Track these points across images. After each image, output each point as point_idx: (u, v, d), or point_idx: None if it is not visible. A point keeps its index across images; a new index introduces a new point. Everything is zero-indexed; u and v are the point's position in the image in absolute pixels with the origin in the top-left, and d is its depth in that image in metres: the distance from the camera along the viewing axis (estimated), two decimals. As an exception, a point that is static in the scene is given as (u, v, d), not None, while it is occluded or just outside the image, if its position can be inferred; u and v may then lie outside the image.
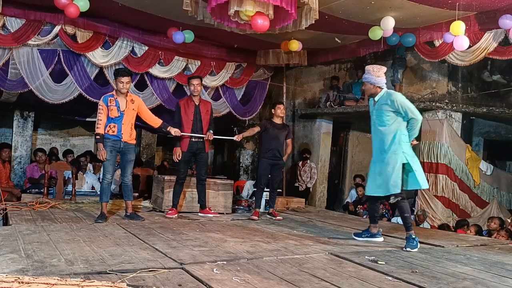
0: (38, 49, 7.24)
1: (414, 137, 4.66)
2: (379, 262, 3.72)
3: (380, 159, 4.59)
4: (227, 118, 9.32)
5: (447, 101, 7.56)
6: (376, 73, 4.66)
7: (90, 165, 8.14)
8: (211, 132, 6.04)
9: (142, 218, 5.47)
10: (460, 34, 6.11)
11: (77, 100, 7.71)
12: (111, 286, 2.59)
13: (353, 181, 9.22)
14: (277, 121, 6.44)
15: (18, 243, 3.70)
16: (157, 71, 8.16)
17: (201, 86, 6.20)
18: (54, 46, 7.35)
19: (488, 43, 6.31)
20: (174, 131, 5.76)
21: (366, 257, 3.89)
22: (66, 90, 7.60)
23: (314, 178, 9.45)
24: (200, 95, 6.22)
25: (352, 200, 8.79)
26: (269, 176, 6.41)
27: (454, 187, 7.46)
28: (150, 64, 8.04)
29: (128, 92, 5.36)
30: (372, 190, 4.68)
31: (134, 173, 6.30)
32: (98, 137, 5.19)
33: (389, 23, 6.52)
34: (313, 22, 5.77)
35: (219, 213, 6.36)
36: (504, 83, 8.10)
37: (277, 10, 5.38)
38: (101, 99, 5.29)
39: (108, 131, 5.22)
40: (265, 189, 6.56)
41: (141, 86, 8.22)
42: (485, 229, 6.66)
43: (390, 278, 3.25)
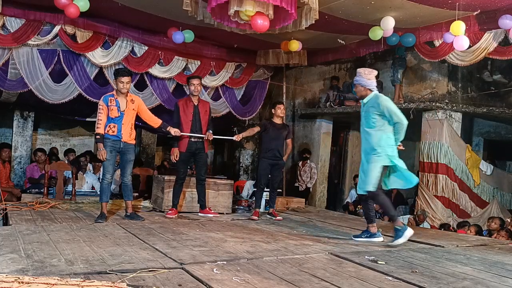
0: (38, 49, 7.24)
1: (400, 141, 4.74)
2: (379, 262, 3.72)
3: (366, 159, 4.76)
4: (227, 118, 9.32)
5: (447, 101, 7.55)
6: (367, 76, 4.81)
7: (90, 165, 8.14)
8: (211, 132, 6.04)
9: (142, 218, 5.48)
10: (460, 34, 6.11)
11: (77, 100, 7.71)
12: (111, 286, 2.59)
13: (353, 181, 9.22)
14: (277, 121, 6.44)
15: (18, 243, 3.70)
16: (157, 71, 8.16)
17: (201, 86, 6.22)
18: (54, 46, 7.35)
19: (488, 43, 6.31)
20: (174, 131, 5.76)
21: (366, 257, 3.89)
22: (66, 90, 7.60)
23: (314, 178, 9.45)
24: (199, 95, 6.22)
25: (352, 200, 8.79)
26: (269, 176, 6.41)
27: (454, 187, 7.46)
28: (150, 64, 8.04)
29: (128, 92, 5.37)
30: (358, 189, 4.90)
31: (134, 173, 6.30)
32: (98, 137, 5.19)
33: (389, 23, 6.52)
34: (313, 22, 5.77)
35: (219, 213, 6.36)
36: (504, 83, 8.10)
37: (277, 10, 5.38)
38: (101, 99, 5.28)
39: (108, 131, 5.22)
40: (265, 189, 6.56)
41: (141, 86, 8.22)
42: (485, 229, 6.66)
43: (390, 278, 3.25)
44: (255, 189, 6.82)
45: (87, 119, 9.27)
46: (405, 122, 4.62)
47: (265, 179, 6.39)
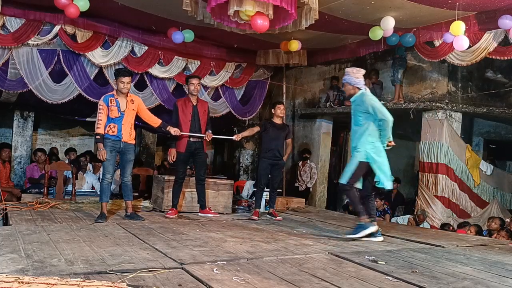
0: (38, 49, 7.24)
1: (387, 137, 4.78)
2: (379, 262, 3.72)
3: (352, 155, 4.95)
4: (227, 118, 9.32)
5: (447, 101, 7.55)
6: (355, 75, 4.88)
7: (90, 165, 8.14)
8: (210, 132, 6.05)
9: (142, 218, 5.48)
10: (460, 34, 6.11)
11: (77, 100, 7.71)
12: (111, 286, 2.59)
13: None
14: (277, 121, 6.44)
15: (18, 243, 3.70)
16: (156, 71, 8.16)
17: (200, 86, 6.23)
18: (54, 46, 7.35)
19: (488, 43, 6.31)
20: (174, 130, 5.76)
21: (366, 257, 3.89)
22: (66, 90, 7.59)
23: (314, 178, 9.45)
24: (199, 95, 6.22)
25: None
26: (269, 176, 6.41)
27: (454, 187, 7.46)
28: (150, 64, 8.04)
29: (128, 92, 5.37)
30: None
31: (134, 173, 6.29)
32: (98, 137, 5.19)
33: (389, 23, 6.52)
34: (313, 22, 5.77)
35: (219, 213, 6.36)
36: (505, 83, 8.10)
37: (277, 10, 5.38)
38: (102, 99, 5.28)
39: (108, 131, 5.22)
40: (265, 189, 6.56)
41: (140, 86, 8.22)
42: (485, 229, 6.66)
43: (390, 278, 3.25)
44: (255, 189, 6.82)
45: (87, 119, 9.27)
46: (390, 118, 4.68)
47: (265, 179, 6.39)
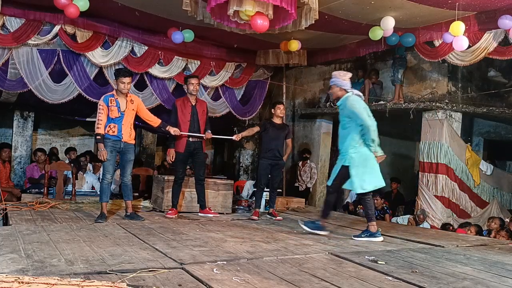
0: (38, 49, 7.23)
1: (370, 143, 4.73)
2: (379, 262, 3.72)
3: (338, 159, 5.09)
4: (227, 118, 9.31)
5: (447, 101, 7.55)
6: (342, 77, 4.98)
7: (90, 165, 8.14)
8: (209, 132, 6.06)
9: (142, 218, 5.48)
10: (459, 35, 6.10)
11: (77, 100, 7.70)
12: (111, 286, 2.59)
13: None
14: (276, 121, 6.45)
15: (18, 243, 3.70)
16: (156, 71, 8.15)
17: (199, 86, 6.25)
18: (54, 46, 7.34)
19: (488, 43, 6.31)
20: (174, 130, 5.76)
21: (366, 257, 3.89)
22: (66, 90, 7.59)
23: (314, 178, 9.45)
24: (199, 95, 6.23)
25: (352, 200, 8.78)
26: (269, 176, 6.41)
27: (454, 187, 7.45)
28: (150, 64, 8.03)
29: (128, 92, 5.37)
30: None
31: (134, 173, 6.30)
32: (98, 137, 5.19)
33: (389, 23, 6.51)
34: (313, 22, 5.77)
35: (219, 213, 6.36)
36: (504, 83, 8.10)
37: (277, 10, 5.38)
38: (102, 99, 5.28)
39: (108, 131, 5.22)
40: (265, 189, 6.56)
41: (140, 86, 8.22)
42: (485, 229, 6.66)
43: (390, 278, 3.25)
44: (255, 189, 6.82)
45: (87, 119, 9.27)
46: (369, 123, 4.65)
47: (265, 179, 6.39)
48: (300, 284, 2.96)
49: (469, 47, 6.38)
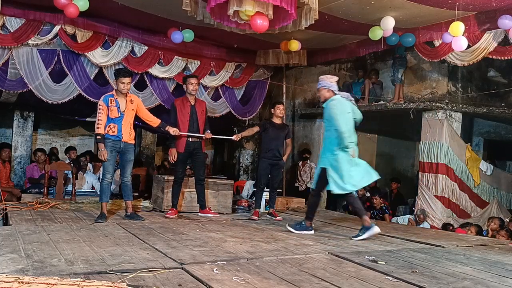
0: (38, 49, 7.23)
1: (344, 147, 4.81)
2: (379, 262, 3.72)
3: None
4: (227, 118, 9.31)
5: (447, 101, 7.55)
6: (329, 79, 5.05)
7: (90, 165, 8.14)
8: (209, 131, 6.06)
9: (142, 218, 5.48)
10: (458, 35, 6.10)
11: (77, 100, 7.70)
12: (111, 286, 2.59)
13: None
14: (276, 121, 6.45)
15: (18, 243, 3.70)
16: (156, 71, 8.15)
17: (198, 85, 6.26)
18: (54, 46, 7.34)
19: (488, 43, 6.31)
20: (173, 130, 5.76)
21: (366, 257, 3.89)
22: (66, 90, 7.59)
23: (314, 178, 9.44)
24: (199, 95, 6.23)
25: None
26: (269, 176, 6.41)
27: (454, 187, 7.45)
28: (150, 64, 8.03)
29: (128, 92, 5.37)
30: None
31: (133, 173, 6.30)
32: (99, 137, 5.20)
33: (389, 23, 6.51)
34: (313, 22, 5.77)
35: (219, 213, 6.36)
36: (504, 83, 8.10)
37: (277, 10, 5.37)
38: (101, 99, 5.29)
39: (108, 131, 5.23)
40: (265, 189, 6.56)
41: (140, 86, 8.22)
42: (485, 229, 6.66)
43: (390, 278, 3.25)
44: (255, 189, 6.82)
45: (87, 119, 9.26)
46: (342, 129, 4.73)
47: (265, 179, 6.39)
48: (300, 284, 2.96)
49: (469, 47, 6.38)
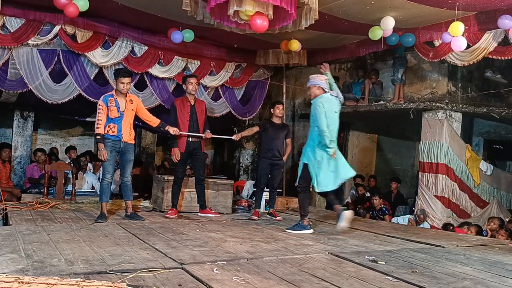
0: (38, 49, 7.23)
1: (324, 146, 4.91)
2: (379, 262, 3.72)
3: None
4: (227, 118, 9.31)
5: (447, 101, 7.55)
6: (318, 78, 5.18)
7: (90, 165, 8.14)
8: (209, 131, 6.06)
9: (142, 218, 5.48)
10: (458, 35, 6.10)
11: (77, 100, 7.70)
12: (111, 286, 2.59)
13: (353, 181, 9.20)
14: (276, 121, 6.45)
15: (18, 243, 3.70)
16: (156, 71, 8.15)
17: (198, 85, 6.26)
18: (54, 46, 7.34)
19: (488, 43, 6.31)
20: (173, 130, 5.76)
21: (366, 257, 3.89)
22: (66, 90, 7.58)
23: (314, 178, 9.43)
24: (199, 95, 6.23)
25: (352, 200, 8.78)
26: (269, 176, 6.41)
27: (454, 187, 7.45)
28: (150, 64, 8.03)
29: (127, 92, 5.37)
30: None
31: (133, 173, 6.30)
32: (98, 137, 5.20)
33: (389, 23, 6.51)
34: (313, 22, 5.76)
35: (219, 213, 6.36)
36: (504, 83, 8.10)
37: (277, 10, 5.37)
38: (101, 99, 5.29)
39: (108, 131, 5.23)
40: (265, 189, 6.56)
41: (140, 86, 8.22)
42: (485, 229, 6.66)
43: (390, 278, 3.25)
44: (255, 189, 6.82)
45: (87, 119, 9.26)
46: (322, 128, 4.86)
47: (265, 179, 6.39)
48: (300, 284, 2.96)
49: (469, 47, 6.38)
